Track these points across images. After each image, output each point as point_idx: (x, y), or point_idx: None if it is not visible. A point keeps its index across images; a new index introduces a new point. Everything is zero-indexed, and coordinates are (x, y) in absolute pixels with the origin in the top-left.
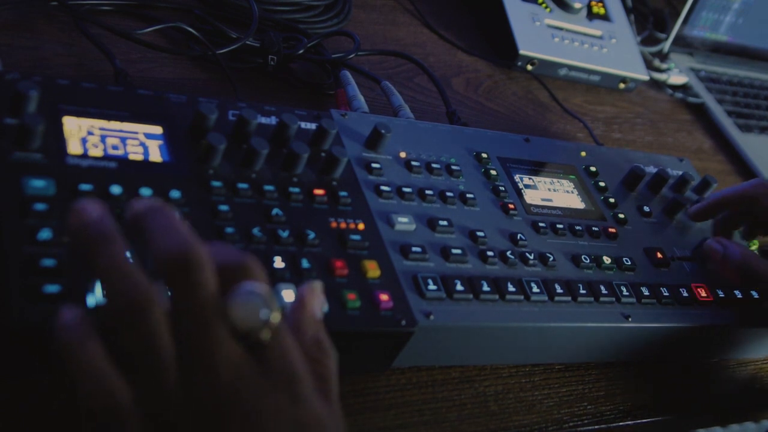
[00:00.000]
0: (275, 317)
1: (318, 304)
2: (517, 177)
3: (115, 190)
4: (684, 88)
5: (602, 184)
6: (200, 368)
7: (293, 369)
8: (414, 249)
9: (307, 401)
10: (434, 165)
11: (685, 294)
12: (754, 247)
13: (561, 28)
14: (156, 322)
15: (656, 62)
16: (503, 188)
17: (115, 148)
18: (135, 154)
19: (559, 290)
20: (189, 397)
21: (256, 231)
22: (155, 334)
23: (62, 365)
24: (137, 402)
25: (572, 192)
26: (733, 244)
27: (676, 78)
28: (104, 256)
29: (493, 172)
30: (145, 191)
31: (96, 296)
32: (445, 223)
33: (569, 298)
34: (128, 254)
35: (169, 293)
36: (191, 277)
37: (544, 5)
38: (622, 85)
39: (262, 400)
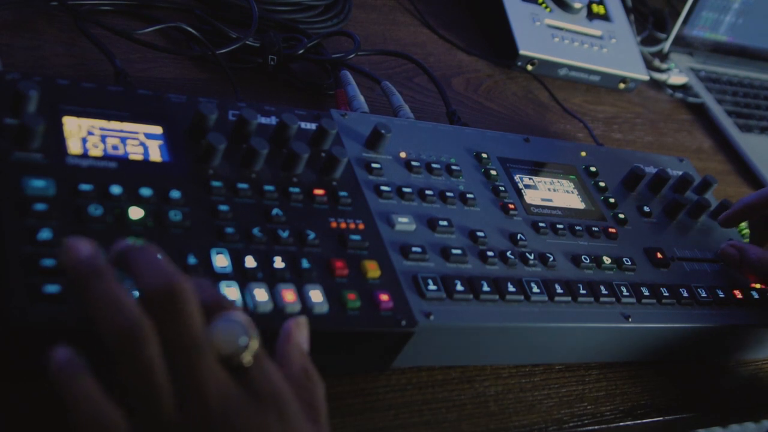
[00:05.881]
0: (254, 342)
1: (304, 337)
2: (517, 177)
3: (115, 190)
4: (684, 88)
5: (602, 184)
6: (191, 393)
7: (277, 389)
8: (414, 249)
9: (293, 420)
10: (434, 165)
11: (686, 294)
12: None
13: (561, 28)
14: (151, 352)
15: (656, 62)
16: (503, 188)
17: (115, 148)
18: (135, 154)
19: (559, 290)
20: (183, 422)
21: (256, 231)
22: (151, 364)
23: (61, 401)
24: (133, 431)
25: (572, 192)
26: (749, 247)
27: (676, 78)
28: (96, 290)
29: (493, 172)
30: (145, 191)
31: None
32: (445, 223)
33: (569, 298)
34: (120, 287)
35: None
36: (178, 308)
37: (544, 5)
38: (622, 85)
39: (250, 419)
